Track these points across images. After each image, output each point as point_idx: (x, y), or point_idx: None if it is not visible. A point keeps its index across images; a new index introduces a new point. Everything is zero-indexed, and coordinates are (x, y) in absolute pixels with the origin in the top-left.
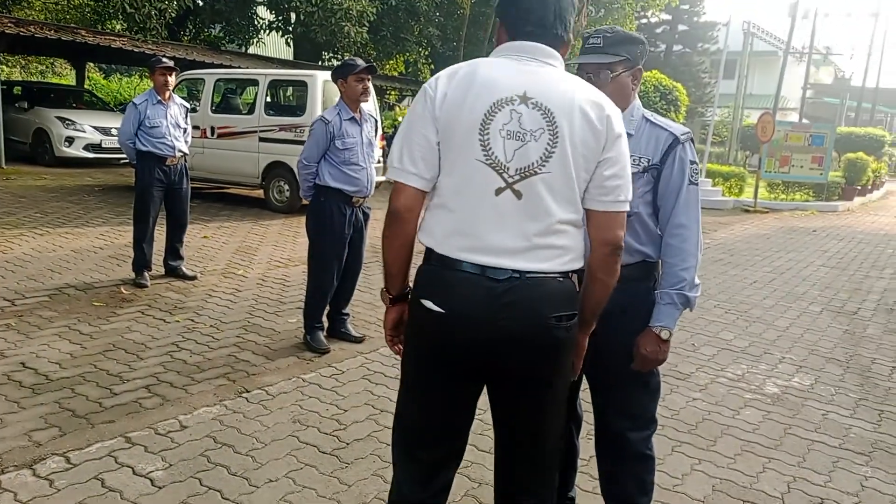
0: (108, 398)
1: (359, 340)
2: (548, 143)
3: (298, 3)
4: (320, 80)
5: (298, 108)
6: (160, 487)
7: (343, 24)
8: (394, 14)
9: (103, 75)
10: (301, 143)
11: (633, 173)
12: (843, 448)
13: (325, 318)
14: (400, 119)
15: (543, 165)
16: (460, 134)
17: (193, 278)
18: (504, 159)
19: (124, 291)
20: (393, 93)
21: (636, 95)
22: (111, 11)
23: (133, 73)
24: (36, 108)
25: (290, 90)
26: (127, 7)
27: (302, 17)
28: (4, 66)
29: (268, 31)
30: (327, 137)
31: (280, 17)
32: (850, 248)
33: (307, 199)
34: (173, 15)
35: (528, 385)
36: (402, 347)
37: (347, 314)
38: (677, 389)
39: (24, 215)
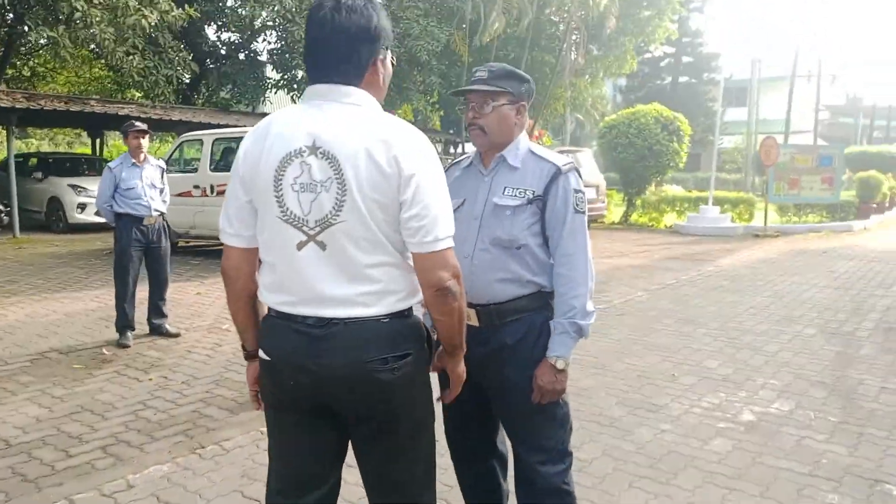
0: (63, 461)
1: None
2: (337, 193)
3: (301, 61)
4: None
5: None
6: None
7: None
8: (395, 66)
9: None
10: None
11: (517, 206)
12: (813, 475)
13: None
14: None
15: (338, 215)
16: (262, 191)
17: (177, 335)
18: (301, 213)
19: (106, 353)
20: None
21: (522, 131)
22: (129, 81)
23: (156, 139)
24: (50, 178)
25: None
26: (135, 76)
27: (304, 75)
28: (33, 139)
29: (275, 91)
30: None
31: (285, 76)
32: (858, 267)
33: None
34: (185, 80)
35: (369, 428)
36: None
37: None
38: (647, 422)
39: (26, 282)
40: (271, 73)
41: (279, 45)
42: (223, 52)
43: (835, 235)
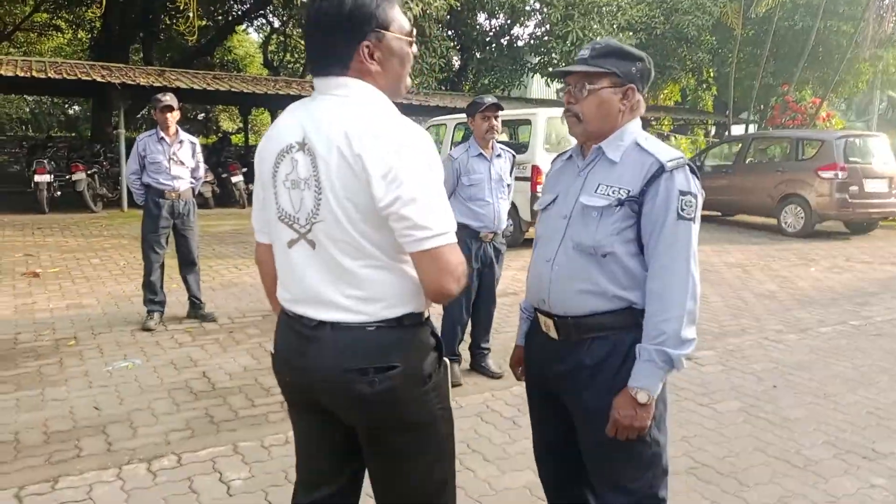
0: (246, 409)
1: (498, 376)
2: (315, 190)
3: (555, 44)
4: (543, 118)
5: (523, 146)
6: (232, 496)
7: None
8: (660, 43)
9: None
10: (523, 179)
11: (605, 207)
12: None
13: (461, 351)
14: None
15: (318, 213)
16: (267, 188)
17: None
18: (292, 210)
19: None
20: (665, 123)
21: (633, 118)
22: None
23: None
24: None
25: (518, 128)
26: None
27: (559, 58)
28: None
29: (531, 75)
30: (454, 175)
31: (541, 59)
32: None
33: None
34: (454, 68)
35: (361, 434)
36: None
37: (488, 349)
38: (854, 471)
39: None
40: (529, 58)
41: (539, 30)
42: (487, 38)
43: None
